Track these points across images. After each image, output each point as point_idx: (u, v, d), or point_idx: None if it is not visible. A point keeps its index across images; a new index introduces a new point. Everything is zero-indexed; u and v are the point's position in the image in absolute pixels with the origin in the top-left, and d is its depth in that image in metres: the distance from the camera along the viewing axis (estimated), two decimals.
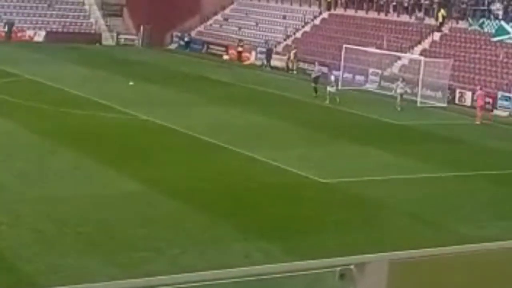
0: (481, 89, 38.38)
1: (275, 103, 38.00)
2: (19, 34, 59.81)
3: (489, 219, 20.37)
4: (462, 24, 48.46)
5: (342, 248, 16.14)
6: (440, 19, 49.17)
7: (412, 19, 51.38)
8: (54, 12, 62.92)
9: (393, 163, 26.27)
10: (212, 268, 4.40)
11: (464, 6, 49.43)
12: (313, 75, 42.11)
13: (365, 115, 35.98)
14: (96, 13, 64.35)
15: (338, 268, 4.57)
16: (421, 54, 46.49)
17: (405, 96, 39.39)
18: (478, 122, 36.17)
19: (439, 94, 41.96)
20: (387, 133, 32.38)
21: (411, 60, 46.71)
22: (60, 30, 61.65)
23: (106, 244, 16.57)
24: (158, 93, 38.63)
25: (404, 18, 51.99)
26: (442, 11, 49.18)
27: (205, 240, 17.06)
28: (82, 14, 64.14)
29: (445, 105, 40.31)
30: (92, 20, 63.72)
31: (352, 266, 4.60)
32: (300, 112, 35.75)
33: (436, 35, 49.14)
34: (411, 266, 4.95)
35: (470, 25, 47.52)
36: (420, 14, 51.15)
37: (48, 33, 60.54)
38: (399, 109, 37.61)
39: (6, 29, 59.18)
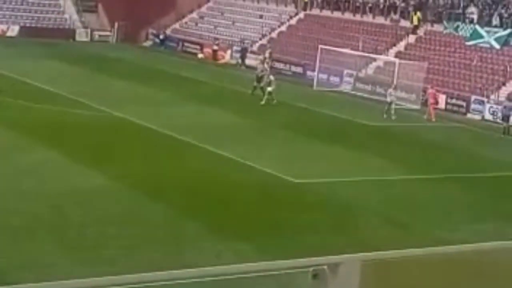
0: (432, 88, 39.21)
1: (249, 103, 37.89)
2: None
3: (461, 221, 20.47)
4: (437, 27, 48.70)
5: (314, 248, 16.11)
6: (416, 22, 49.37)
7: (388, 21, 51.55)
8: (28, 7, 62.36)
9: (366, 164, 26.29)
10: (183, 267, 4.31)
11: (439, 9, 49.69)
12: (257, 74, 40.25)
13: (339, 116, 36.00)
14: (71, 8, 63.87)
15: (311, 268, 4.53)
16: (396, 56, 46.70)
17: (376, 98, 39.46)
18: (433, 120, 36.81)
19: (413, 96, 42.11)
20: (360, 135, 32.40)
21: (386, 62, 46.85)
22: (34, 25, 61.11)
23: (74, 241, 16.47)
24: (132, 90, 38.39)
25: (380, 20, 52.15)
26: (418, 14, 49.38)
27: (176, 239, 16.99)
28: (56, 9, 63.62)
29: (418, 107, 40.45)
30: (66, 15, 63.23)
31: (325, 267, 4.57)
32: (274, 112, 35.69)
33: (412, 38, 49.35)
34: (384, 267, 4.94)
35: (445, 28, 47.78)
36: (396, 16, 51.35)
37: (22, 28, 59.98)
38: (393, 117, 36.01)
39: None
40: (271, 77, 37.48)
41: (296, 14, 58.23)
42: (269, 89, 36.88)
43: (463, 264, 5.10)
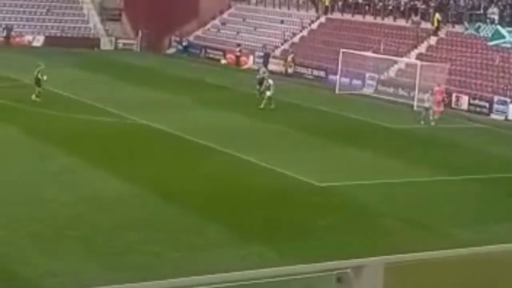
0: (439, 85, 39.09)
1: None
2: (17, 39, 59.96)
3: (483, 222, 20.46)
4: (458, 28, 48.63)
5: (337, 251, 16.22)
6: (436, 24, 49.35)
7: (409, 23, 51.56)
8: (52, 17, 63.09)
9: (388, 166, 26.38)
10: (208, 272, 4.45)
11: (460, 10, 49.63)
12: (258, 77, 40.15)
13: (361, 119, 36.11)
14: (95, 17, 64.53)
15: (335, 272, 4.62)
16: (417, 58, 46.69)
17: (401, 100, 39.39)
18: (436, 117, 36.55)
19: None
20: (382, 137, 32.50)
21: (407, 64, 46.87)
22: (58, 34, 61.79)
23: (102, 248, 16.62)
24: (156, 97, 38.76)
25: (401, 22, 52.16)
26: (437, 15, 49.36)
27: (199, 244, 17.15)
28: (80, 18, 64.30)
29: (441, 109, 40.37)
30: (90, 24, 63.88)
31: (348, 270, 4.66)
32: (296, 116, 35.91)
33: (433, 39, 49.31)
34: (407, 270, 4.99)
35: (466, 29, 47.69)
36: (417, 18, 51.33)
37: (47, 38, 60.70)
38: (422, 122, 35.36)
39: (4, 34, 59.35)
40: (270, 81, 37.09)
41: (317, 18, 58.38)
42: (268, 93, 36.55)
43: (487, 265, 5.19)
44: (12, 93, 36.77)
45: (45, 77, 35.01)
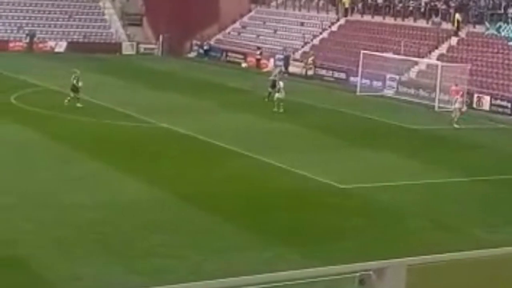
0: (456, 85, 39.52)
1: (292, 109, 38.22)
2: (40, 45, 60.55)
3: (506, 223, 20.46)
4: (479, 29, 48.52)
5: (360, 253, 16.28)
6: (456, 24, 49.26)
7: (429, 24, 51.50)
8: (74, 23, 63.66)
9: (410, 168, 26.42)
10: (230, 275, 4.51)
11: (481, 10, 49.50)
12: (271, 78, 40.15)
13: (382, 121, 36.18)
14: (116, 23, 65.01)
15: (358, 274, 4.66)
16: (438, 59, 46.63)
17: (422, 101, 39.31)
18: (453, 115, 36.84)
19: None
20: (405, 139, 32.55)
21: (428, 65, 46.84)
22: (80, 40, 62.33)
23: (125, 251, 16.74)
24: (177, 101, 39.04)
25: (421, 23, 52.12)
26: (457, 16, 49.27)
27: (225, 247, 17.23)
28: (102, 24, 64.82)
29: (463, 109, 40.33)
30: (112, 30, 64.37)
31: (371, 272, 4.69)
32: (317, 118, 36.03)
33: (453, 40, 49.23)
34: (429, 271, 5.04)
35: (487, 29, 47.57)
36: (437, 19, 51.26)
37: (69, 44, 61.24)
38: (456, 126, 34.99)
39: (27, 40, 59.97)
40: (281, 84, 36.86)
41: (337, 20, 58.46)
42: (278, 95, 36.33)
43: (509, 266, 5.26)
44: (35, 98, 37.24)
45: (80, 83, 35.33)
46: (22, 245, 16.69)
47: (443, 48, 49.07)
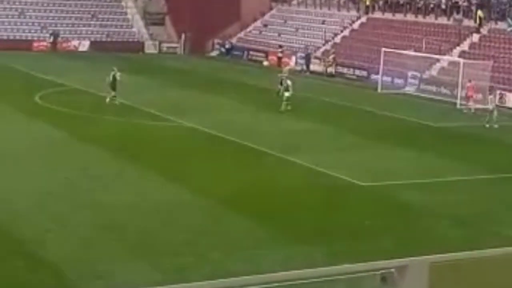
0: (470, 81, 39.90)
1: (313, 108, 38.43)
2: (64, 45, 61.11)
3: None
4: (501, 25, 48.40)
5: (383, 251, 16.32)
6: (478, 21, 49.19)
7: (451, 21, 51.45)
8: (97, 22, 64.19)
9: (433, 165, 26.43)
10: (254, 273, 4.60)
11: (503, 6, 49.37)
12: (280, 75, 40.10)
13: (404, 118, 36.25)
14: (139, 22, 65.47)
15: (380, 272, 4.76)
16: (460, 56, 46.57)
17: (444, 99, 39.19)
18: (473, 111, 38.02)
19: (479, 96, 41.98)
20: (427, 136, 32.56)
21: (450, 63, 46.81)
22: (104, 39, 62.83)
23: (149, 249, 16.86)
24: (200, 99, 39.30)
25: (442, 20, 52.06)
26: (479, 12, 49.19)
27: (246, 245, 17.38)
28: (125, 23, 65.29)
29: (485, 106, 40.31)
30: (135, 29, 64.84)
31: (393, 270, 4.77)
32: (340, 116, 36.16)
33: (475, 37, 49.15)
34: (452, 269, 5.07)
35: (510, 26, 47.44)
36: (458, 16, 51.19)
37: (92, 43, 61.77)
38: (487, 125, 34.65)
39: (51, 40, 60.58)
40: (289, 82, 36.45)
41: (359, 18, 58.53)
42: (287, 94, 35.94)
43: None
44: (59, 98, 37.62)
45: (119, 78, 35.90)
46: (46, 244, 16.87)
47: (464, 45, 49.01)
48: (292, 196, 21.82)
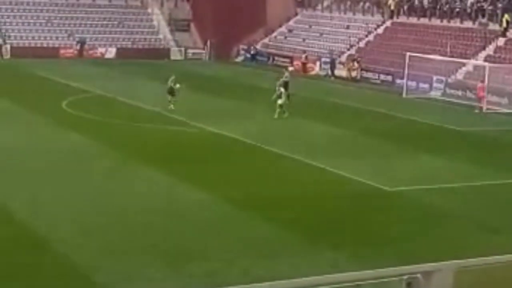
0: (482, 82, 40.38)
1: (337, 113, 38.47)
2: (90, 51, 61.70)
3: None
4: None
5: (408, 256, 16.32)
6: (505, 24, 48.97)
7: (476, 25, 51.27)
8: (124, 30, 64.72)
9: (460, 170, 26.35)
10: (281, 278, 4.64)
11: None
12: (282, 80, 39.34)
13: (429, 123, 36.17)
14: (165, 29, 65.91)
15: (405, 277, 4.77)
16: (485, 60, 46.40)
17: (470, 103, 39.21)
18: (478, 110, 39.04)
19: (504, 100, 41.83)
20: (452, 140, 32.47)
21: (475, 66, 46.65)
22: (130, 46, 63.34)
23: (176, 254, 16.94)
24: (224, 105, 39.47)
25: (468, 24, 51.90)
26: (506, 16, 48.96)
27: (273, 251, 17.42)
28: (150, 30, 65.76)
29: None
30: (160, 36, 65.27)
31: (419, 275, 4.79)
32: (363, 120, 36.18)
33: (501, 41, 48.93)
34: (478, 274, 5.11)
35: None
36: (484, 20, 50.99)
37: (119, 50, 62.29)
38: None
39: (78, 47, 61.18)
40: (282, 90, 35.60)
41: (383, 22, 58.49)
42: (280, 101, 35.11)
43: None
44: (86, 104, 37.98)
45: (177, 85, 36.69)
46: (74, 249, 17.00)
47: (490, 49, 48.81)
48: (316, 201, 21.84)
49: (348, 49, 57.58)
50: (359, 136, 32.12)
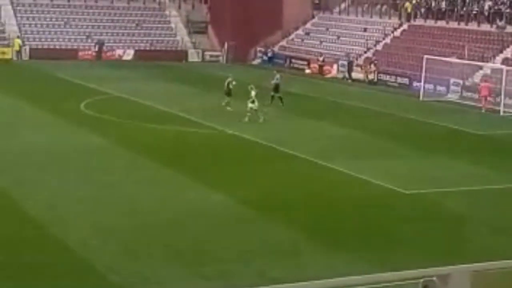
0: (485, 81, 40.99)
1: (356, 115, 38.51)
2: (108, 53, 62.01)
3: None
4: None
5: (424, 259, 16.30)
6: None
7: (493, 28, 51.14)
8: (142, 31, 65.01)
9: (476, 173, 26.32)
10: (296, 280, 4.67)
11: None
12: (273, 82, 40.07)
13: (446, 126, 36.11)
14: (182, 31, 66.14)
15: (421, 280, 4.77)
16: (503, 63, 46.27)
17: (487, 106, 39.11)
18: (483, 110, 39.73)
19: None
20: (469, 144, 32.40)
21: (493, 70, 46.54)
22: (147, 48, 63.62)
23: (193, 256, 17.03)
24: (241, 107, 39.51)
25: (485, 27, 51.76)
26: None
27: (289, 252, 17.48)
28: (168, 32, 66.03)
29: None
30: (178, 38, 65.51)
31: (434, 278, 4.77)
32: (380, 123, 36.19)
33: None
34: (494, 277, 5.04)
35: None
36: (501, 23, 50.86)
37: (136, 52, 62.57)
38: None
39: (96, 49, 61.53)
40: (253, 93, 34.04)
41: (400, 25, 58.43)
42: (251, 106, 33.74)
43: None
44: (104, 106, 38.24)
45: (234, 83, 37.68)
46: (89, 249, 17.14)
47: (507, 52, 48.67)
48: (332, 203, 21.92)
49: (365, 52, 57.58)
50: (375, 138, 32.11)
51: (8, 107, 37.14)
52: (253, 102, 33.81)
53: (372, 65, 53.08)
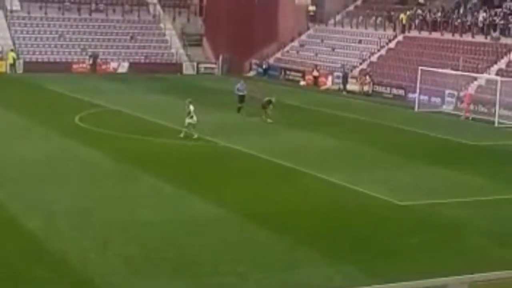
0: (468, 90, 42.42)
1: (352, 127, 38.55)
2: (103, 66, 62.06)
3: None
4: None
5: (422, 271, 16.30)
6: None
7: (488, 39, 51.31)
8: (136, 44, 65.10)
9: (471, 184, 26.38)
10: None
11: None
12: (240, 94, 40.57)
13: (441, 137, 36.19)
14: (177, 43, 66.23)
15: None
16: (497, 74, 46.42)
17: (482, 117, 39.23)
18: (464, 117, 41.74)
19: None
20: (465, 155, 32.48)
21: (487, 81, 46.67)
22: (142, 61, 63.70)
23: (190, 268, 16.98)
24: (236, 119, 39.62)
25: (480, 38, 51.95)
26: None
27: (286, 264, 17.48)
28: (163, 45, 66.12)
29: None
30: (173, 50, 65.59)
31: None
32: (376, 134, 36.23)
33: None
34: None
35: None
36: (496, 34, 51.05)
37: (131, 64, 62.64)
38: None
39: (91, 62, 61.55)
40: (191, 108, 32.82)
41: (395, 37, 58.63)
42: (188, 120, 32.67)
43: None
44: (99, 119, 38.20)
45: (274, 99, 38.26)
46: (87, 263, 17.07)
47: (502, 63, 48.83)
48: (328, 215, 21.92)
49: (360, 64, 57.72)
50: (370, 150, 32.18)
51: (2, 120, 37.07)
52: (191, 117, 32.58)
53: (367, 77, 53.23)
